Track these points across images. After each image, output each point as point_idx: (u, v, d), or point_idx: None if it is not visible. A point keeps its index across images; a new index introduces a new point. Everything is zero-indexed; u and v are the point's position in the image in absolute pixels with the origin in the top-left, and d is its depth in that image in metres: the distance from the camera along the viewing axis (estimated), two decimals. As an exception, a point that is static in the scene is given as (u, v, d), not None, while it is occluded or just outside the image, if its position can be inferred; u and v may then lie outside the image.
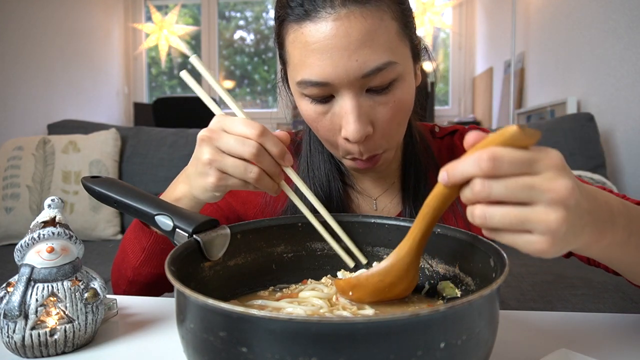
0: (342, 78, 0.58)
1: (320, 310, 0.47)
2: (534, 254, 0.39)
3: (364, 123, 0.61)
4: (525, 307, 1.21)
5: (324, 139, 0.68)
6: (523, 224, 0.37)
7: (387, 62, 0.59)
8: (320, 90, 0.61)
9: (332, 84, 0.59)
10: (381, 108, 0.62)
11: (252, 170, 0.53)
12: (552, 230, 0.37)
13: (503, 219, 0.37)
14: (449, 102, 4.37)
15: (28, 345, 0.48)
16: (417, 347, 0.31)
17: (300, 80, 0.61)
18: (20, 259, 0.50)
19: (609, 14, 1.99)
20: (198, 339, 0.35)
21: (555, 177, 0.37)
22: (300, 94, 0.64)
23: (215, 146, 0.54)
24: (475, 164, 0.37)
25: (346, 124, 0.61)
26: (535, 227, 0.37)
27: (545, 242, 0.37)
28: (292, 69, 0.64)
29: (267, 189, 0.55)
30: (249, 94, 4.65)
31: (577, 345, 0.51)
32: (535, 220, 0.37)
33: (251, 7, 4.58)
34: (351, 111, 0.60)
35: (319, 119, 0.64)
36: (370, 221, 0.58)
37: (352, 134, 0.60)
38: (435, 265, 0.54)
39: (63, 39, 3.29)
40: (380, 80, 0.60)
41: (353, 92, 0.60)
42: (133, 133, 2.22)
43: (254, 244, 0.56)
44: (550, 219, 0.36)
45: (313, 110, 0.64)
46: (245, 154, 0.53)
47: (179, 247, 0.46)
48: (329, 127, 0.64)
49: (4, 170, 2.01)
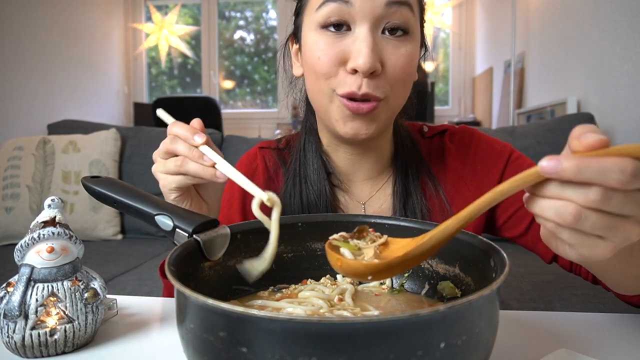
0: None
1: (320, 310, 0.47)
2: (585, 256, 0.39)
3: (375, 55, 0.62)
4: (525, 307, 1.21)
5: (322, 74, 0.66)
6: (609, 231, 0.37)
7: (408, 1, 0.63)
8: (340, 11, 0.62)
9: (353, 4, 0.62)
10: (393, 51, 0.64)
11: (176, 159, 0.58)
12: (628, 240, 0.37)
13: (595, 224, 0.37)
14: (449, 102, 4.37)
15: (28, 345, 0.48)
16: (417, 347, 0.31)
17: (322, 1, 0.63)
18: (20, 259, 0.50)
19: (609, 14, 1.99)
20: (198, 339, 0.35)
21: None
22: (316, 27, 0.65)
23: (159, 156, 0.61)
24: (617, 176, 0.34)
25: (358, 52, 0.61)
26: (615, 236, 0.37)
27: (611, 249, 0.38)
28: (313, 3, 0.66)
29: (197, 173, 0.57)
30: (249, 94, 4.65)
31: (577, 345, 0.51)
32: (621, 231, 0.37)
33: (251, 7, 4.58)
34: (365, 39, 0.61)
35: (327, 48, 0.64)
36: (370, 221, 0.58)
37: (363, 61, 0.60)
38: (435, 265, 0.54)
39: (63, 39, 3.29)
40: (399, 18, 0.63)
41: (372, 24, 0.62)
42: (133, 133, 2.22)
43: (254, 244, 0.56)
44: (634, 231, 0.37)
45: (324, 40, 0.64)
46: (164, 148, 0.59)
47: (179, 247, 0.46)
48: (335, 56, 0.64)
49: (4, 170, 2.01)
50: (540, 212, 0.39)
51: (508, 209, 0.75)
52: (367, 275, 0.44)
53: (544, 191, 0.38)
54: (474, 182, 0.77)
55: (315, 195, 0.74)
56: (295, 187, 0.76)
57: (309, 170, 0.76)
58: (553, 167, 0.36)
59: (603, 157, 0.35)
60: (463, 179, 0.78)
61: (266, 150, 0.84)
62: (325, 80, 0.66)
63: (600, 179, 0.35)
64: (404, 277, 0.57)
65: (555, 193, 0.37)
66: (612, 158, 0.35)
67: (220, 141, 2.20)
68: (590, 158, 0.35)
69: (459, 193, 0.77)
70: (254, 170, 0.82)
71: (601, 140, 0.35)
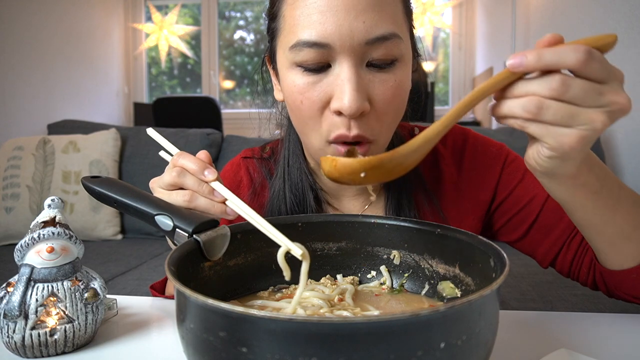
0: (344, 40, 0.54)
1: (320, 310, 0.47)
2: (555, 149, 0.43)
3: (361, 95, 0.56)
4: (525, 307, 1.21)
5: (306, 120, 0.60)
6: (571, 119, 0.41)
7: (393, 33, 0.56)
8: (316, 54, 0.56)
9: (332, 47, 0.55)
10: (381, 85, 0.58)
11: (184, 194, 0.54)
12: (594, 129, 0.41)
13: (557, 113, 0.41)
14: (449, 102, 4.37)
15: (28, 345, 0.48)
16: (417, 347, 0.31)
17: (297, 41, 0.56)
18: (20, 259, 0.50)
19: (609, 14, 1.99)
20: (198, 339, 0.35)
21: (620, 90, 0.42)
22: (291, 64, 0.59)
23: (160, 187, 0.57)
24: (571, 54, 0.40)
25: (341, 93, 0.55)
26: (579, 124, 0.41)
27: (578, 138, 0.41)
28: (286, 35, 0.59)
29: (207, 209, 0.54)
30: (249, 94, 4.65)
31: (577, 345, 0.51)
32: (584, 118, 0.41)
33: (251, 7, 4.58)
34: (349, 79, 0.55)
35: (308, 90, 0.58)
36: (370, 221, 0.58)
37: (348, 103, 0.54)
38: (435, 266, 0.54)
39: (63, 39, 3.29)
40: (384, 53, 0.56)
41: (353, 61, 0.56)
42: (133, 133, 2.22)
43: (254, 244, 0.56)
44: (598, 119, 0.41)
45: (303, 81, 0.58)
46: (171, 181, 0.55)
47: (179, 247, 0.46)
48: (317, 99, 0.58)
49: (4, 170, 2.01)
50: (509, 110, 0.43)
51: (506, 214, 0.75)
52: (360, 172, 0.45)
53: (512, 91, 0.43)
54: (471, 189, 0.75)
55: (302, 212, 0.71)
56: (281, 203, 0.72)
57: (294, 187, 0.73)
58: (519, 60, 0.41)
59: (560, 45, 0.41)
60: (458, 187, 0.75)
61: (250, 160, 0.80)
62: (312, 124, 0.61)
63: (559, 59, 0.40)
64: (404, 277, 0.57)
65: (522, 90, 0.42)
66: (567, 44, 0.41)
67: (220, 141, 2.20)
68: (549, 48, 0.41)
69: (455, 202, 0.75)
70: (238, 183, 0.78)
71: (556, 36, 0.42)
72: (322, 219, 0.59)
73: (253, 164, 0.79)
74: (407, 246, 0.57)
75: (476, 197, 0.75)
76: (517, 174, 0.74)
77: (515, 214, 0.74)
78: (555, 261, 0.72)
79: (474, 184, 0.75)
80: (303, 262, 0.45)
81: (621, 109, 0.41)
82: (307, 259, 0.45)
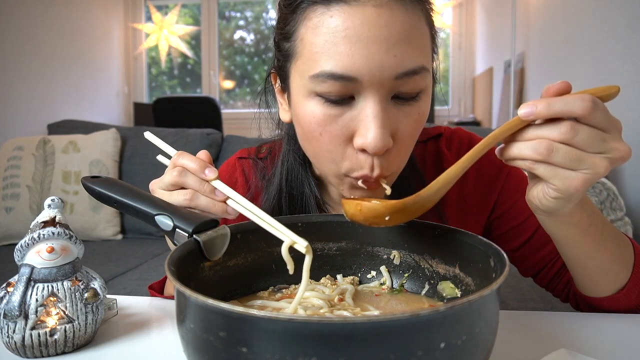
0: (373, 74, 0.51)
1: (320, 311, 0.47)
2: (562, 190, 0.46)
3: (386, 131, 0.52)
4: (525, 307, 1.21)
5: (324, 151, 0.57)
6: (578, 163, 0.44)
7: (422, 67, 0.53)
8: (341, 87, 0.52)
9: (359, 80, 0.51)
10: (404, 119, 0.55)
11: (185, 193, 0.55)
12: (596, 173, 0.44)
13: (565, 156, 0.44)
14: (449, 102, 4.37)
15: (28, 345, 0.48)
16: (417, 347, 0.31)
17: (320, 72, 0.52)
18: (20, 259, 0.50)
19: (609, 14, 1.99)
20: (198, 339, 0.35)
21: (621, 139, 0.46)
22: (310, 93, 0.55)
23: (161, 188, 0.57)
24: (578, 103, 0.43)
25: (366, 130, 0.52)
26: (584, 167, 0.44)
27: (582, 181, 0.45)
28: (305, 61, 0.55)
29: (208, 208, 0.54)
30: (249, 94, 4.65)
31: (577, 345, 0.51)
32: (589, 163, 0.44)
33: (251, 7, 4.58)
34: (376, 115, 0.52)
35: (328, 123, 0.54)
36: (370, 221, 0.58)
37: (374, 142, 0.51)
38: (435, 266, 0.54)
39: (63, 39, 3.29)
40: (412, 87, 0.53)
41: (380, 95, 0.52)
42: (133, 133, 2.22)
43: (254, 244, 0.56)
44: (601, 164, 0.44)
45: (323, 112, 0.54)
46: (172, 180, 0.55)
47: (179, 247, 0.46)
48: (338, 133, 0.55)
49: (4, 170, 2.01)
50: (519, 152, 0.46)
51: (506, 224, 0.75)
52: (385, 216, 0.48)
53: (523, 135, 0.46)
54: (474, 194, 0.74)
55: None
56: (282, 208, 0.71)
57: (295, 192, 0.71)
58: (530, 109, 0.44)
59: (567, 95, 0.45)
60: (462, 191, 0.74)
61: (245, 161, 0.79)
62: (329, 157, 0.57)
63: (567, 108, 0.43)
64: (404, 277, 0.57)
65: (532, 134, 0.46)
66: (574, 94, 0.45)
67: (220, 141, 2.20)
68: (557, 97, 0.45)
69: (457, 207, 0.74)
70: (233, 185, 0.75)
71: (564, 84, 0.45)
72: (322, 219, 0.59)
73: (248, 165, 0.78)
74: (407, 246, 0.57)
75: (479, 202, 0.75)
76: (520, 186, 0.75)
77: (515, 227, 0.74)
78: (538, 275, 0.75)
79: (478, 189, 0.75)
80: (306, 256, 0.46)
81: (622, 157, 0.45)
82: (310, 253, 0.46)
